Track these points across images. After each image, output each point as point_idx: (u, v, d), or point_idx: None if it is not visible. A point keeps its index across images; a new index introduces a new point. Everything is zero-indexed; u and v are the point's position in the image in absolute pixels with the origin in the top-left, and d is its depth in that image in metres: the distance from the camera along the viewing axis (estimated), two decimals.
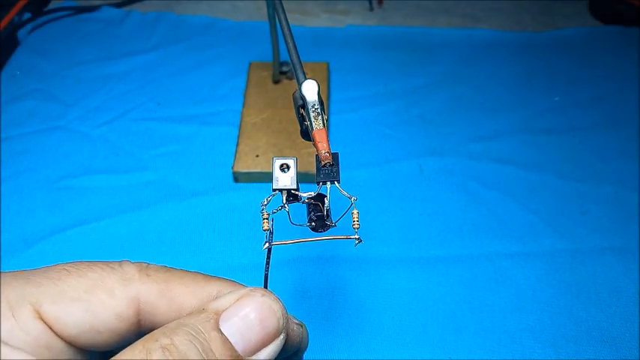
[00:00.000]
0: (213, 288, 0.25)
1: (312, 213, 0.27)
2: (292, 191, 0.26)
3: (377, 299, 0.48)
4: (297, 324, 0.26)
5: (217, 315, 0.22)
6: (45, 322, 0.22)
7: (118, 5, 0.79)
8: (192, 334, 0.21)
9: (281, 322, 0.23)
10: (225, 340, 0.21)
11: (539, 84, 0.68)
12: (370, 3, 0.80)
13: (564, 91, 0.67)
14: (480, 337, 0.46)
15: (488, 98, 0.66)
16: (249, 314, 0.22)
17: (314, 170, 0.27)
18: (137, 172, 0.58)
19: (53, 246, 0.51)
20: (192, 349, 0.20)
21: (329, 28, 0.76)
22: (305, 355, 0.37)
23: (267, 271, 0.26)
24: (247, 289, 0.23)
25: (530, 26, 0.76)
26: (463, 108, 0.65)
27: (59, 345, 0.22)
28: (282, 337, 0.23)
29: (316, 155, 0.26)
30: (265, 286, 0.26)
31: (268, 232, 0.26)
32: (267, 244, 0.26)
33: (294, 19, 0.77)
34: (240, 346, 0.22)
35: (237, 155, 0.57)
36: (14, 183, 0.57)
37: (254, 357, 0.22)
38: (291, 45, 0.30)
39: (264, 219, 0.25)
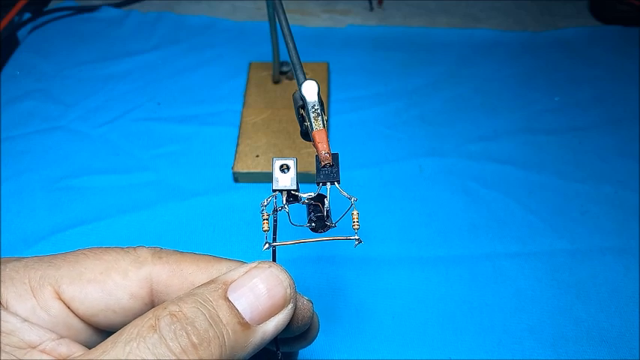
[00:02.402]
0: (223, 266, 0.26)
1: (312, 213, 0.27)
2: (292, 192, 0.26)
3: (377, 299, 0.48)
4: (306, 299, 0.27)
5: (226, 285, 0.23)
6: (64, 302, 0.23)
7: (118, 5, 0.79)
8: (201, 302, 0.21)
9: (288, 291, 0.23)
10: (233, 307, 0.22)
11: (539, 84, 0.68)
12: (370, 3, 0.80)
13: (564, 91, 0.67)
14: (479, 337, 0.46)
15: (488, 98, 0.66)
16: (257, 284, 0.23)
17: (314, 170, 0.27)
18: (137, 172, 0.58)
19: (53, 246, 0.51)
20: (200, 315, 0.21)
21: (329, 28, 0.76)
22: (305, 356, 0.37)
23: (275, 248, 0.26)
24: (255, 262, 0.24)
25: (531, 26, 0.76)
26: (463, 108, 0.65)
27: (77, 324, 0.24)
28: (290, 307, 0.24)
29: (316, 156, 0.26)
30: (273, 260, 0.26)
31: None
32: (267, 245, 0.26)
33: (294, 19, 0.77)
34: (248, 315, 0.22)
35: (237, 155, 0.57)
36: (14, 183, 0.57)
37: (262, 326, 0.23)
38: (291, 45, 0.30)
39: (264, 220, 0.26)
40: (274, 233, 0.26)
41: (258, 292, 0.23)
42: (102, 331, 0.25)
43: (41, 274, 0.23)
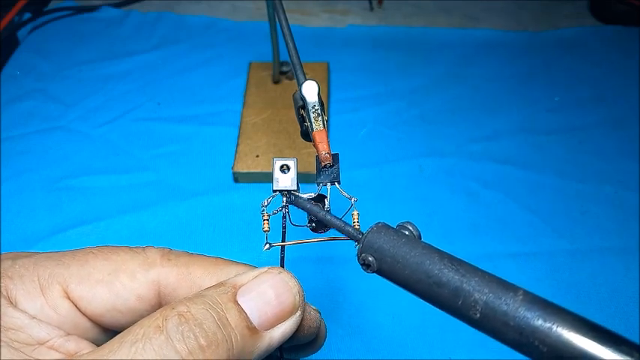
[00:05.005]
0: (232, 270, 0.26)
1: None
2: (292, 192, 0.26)
3: (377, 299, 0.48)
4: (313, 309, 0.26)
5: (235, 288, 0.22)
6: (71, 301, 0.23)
7: (118, 5, 0.79)
8: (210, 304, 0.21)
9: (297, 298, 0.23)
10: (242, 311, 0.22)
11: (540, 84, 0.68)
12: (370, 3, 0.80)
13: (564, 90, 0.67)
14: (479, 337, 0.45)
15: (489, 98, 0.66)
16: (267, 289, 0.23)
17: (314, 170, 0.27)
18: (137, 172, 0.58)
19: (53, 246, 0.51)
20: (209, 317, 0.21)
21: (329, 28, 0.76)
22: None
23: (284, 253, 0.27)
24: (265, 267, 0.24)
25: (530, 26, 0.76)
26: (463, 108, 0.65)
27: (85, 323, 0.24)
28: (298, 314, 0.23)
29: (316, 156, 0.26)
30: (281, 265, 0.26)
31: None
32: (267, 245, 0.26)
33: (294, 19, 0.77)
34: (256, 319, 0.22)
35: (237, 155, 0.57)
36: (14, 183, 0.57)
37: (270, 332, 0.22)
38: (291, 45, 0.30)
39: (264, 220, 0.26)
40: (283, 234, 0.26)
41: (267, 298, 0.22)
42: (109, 330, 0.25)
43: (50, 272, 0.23)
